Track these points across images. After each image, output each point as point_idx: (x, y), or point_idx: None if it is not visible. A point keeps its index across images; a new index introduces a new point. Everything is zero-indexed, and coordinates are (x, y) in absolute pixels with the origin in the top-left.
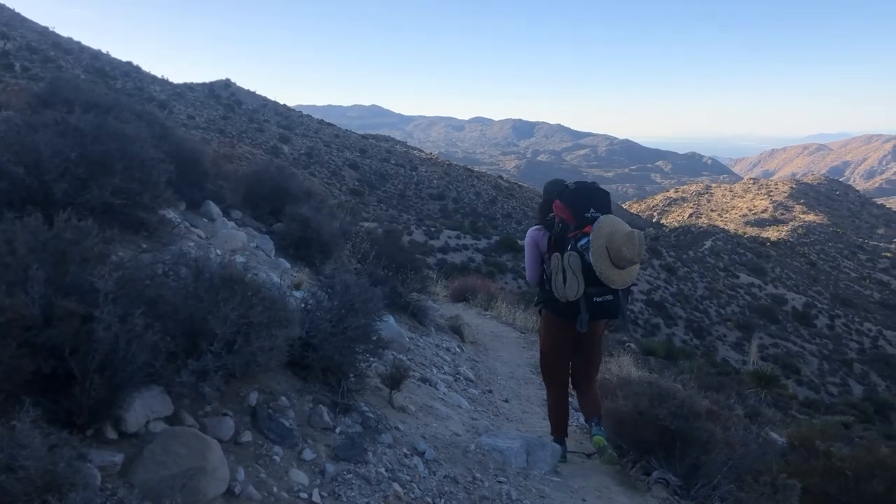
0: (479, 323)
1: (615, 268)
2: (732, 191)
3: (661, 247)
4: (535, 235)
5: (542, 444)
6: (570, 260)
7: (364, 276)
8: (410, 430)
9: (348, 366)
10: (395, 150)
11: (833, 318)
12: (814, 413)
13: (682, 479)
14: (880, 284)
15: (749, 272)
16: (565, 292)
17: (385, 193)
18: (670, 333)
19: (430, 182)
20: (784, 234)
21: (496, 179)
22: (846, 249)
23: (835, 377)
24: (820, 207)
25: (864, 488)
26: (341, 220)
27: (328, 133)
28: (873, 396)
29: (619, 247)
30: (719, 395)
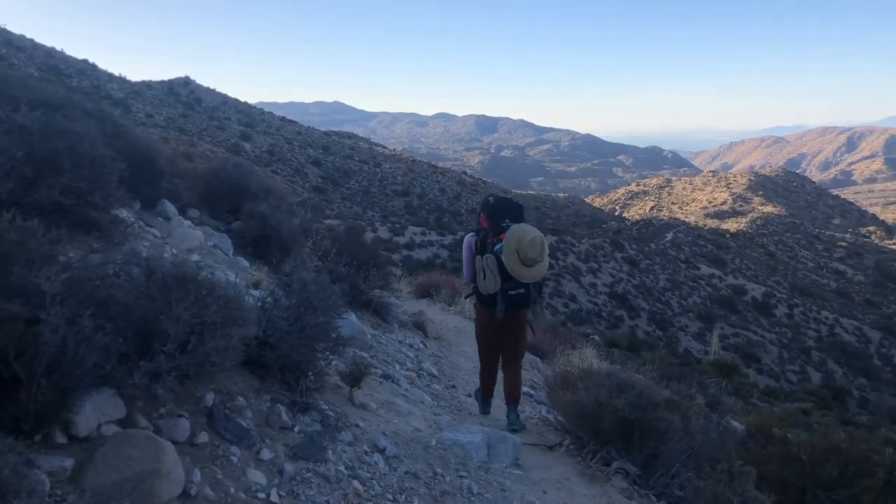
0: (443, 319)
1: (524, 266)
2: (692, 184)
3: (624, 240)
4: (469, 240)
5: (503, 437)
6: (488, 261)
7: (324, 274)
8: (371, 427)
9: (307, 364)
10: (359, 146)
11: (792, 307)
12: (774, 401)
13: (641, 468)
14: (836, 273)
15: (709, 263)
16: (486, 287)
17: (349, 190)
18: (633, 325)
19: (395, 178)
20: (743, 226)
21: (461, 175)
22: (803, 240)
23: (794, 365)
24: (778, 199)
25: (819, 473)
26: (301, 218)
27: (290, 130)
28: (831, 383)
29: (526, 249)
30: (680, 385)
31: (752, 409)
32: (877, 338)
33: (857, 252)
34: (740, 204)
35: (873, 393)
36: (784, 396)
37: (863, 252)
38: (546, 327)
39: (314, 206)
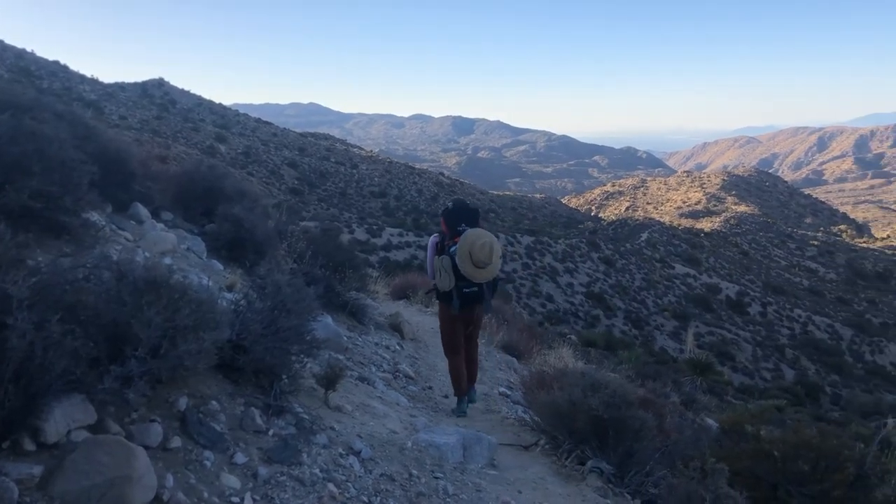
0: (420, 320)
1: (476, 268)
2: (667, 184)
3: (600, 240)
4: (432, 241)
5: (479, 438)
6: (444, 262)
7: (299, 276)
8: (346, 429)
9: (281, 367)
10: (335, 148)
11: (765, 305)
12: (748, 398)
13: (616, 467)
14: (809, 272)
15: (684, 263)
16: (443, 285)
17: (325, 192)
18: (610, 324)
19: (372, 180)
20: (717, 225)
21: (437, 176)
22: (776, 238)
23: (768, 362)
24: (751, 198)
25: (791, 468)
26: (276, 220)
27: (266, 132)
28: (804, 380)
29: (477, 253)
30: (656, 384)
31: (727, 407)
32: (848, 335)
33: (828, 250)
34: (714, 204)
35: (845, 389)
36: (758, 394)
37: (834, 250)
38: (522, 327)
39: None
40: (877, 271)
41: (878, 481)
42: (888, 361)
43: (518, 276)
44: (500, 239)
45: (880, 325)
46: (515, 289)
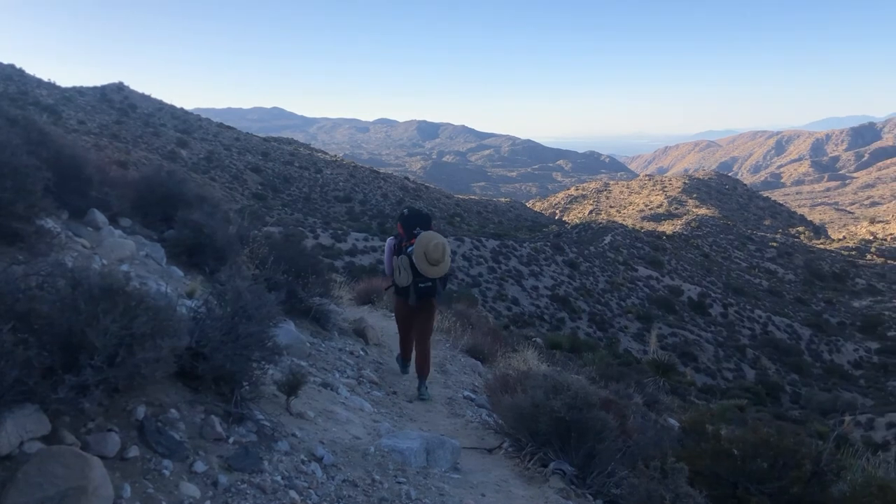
0: (385, 325)
1: (430, 265)
2: (629, 187)
3: (564, 243)
4: (390, 243)
5: (442, 442)
6: (402, 261)
7: (261, 282)
8: (309, 436)
9: (241, 374)
10: (299, 152)
11: (726, 306)
12: (710, 398)
13: (578, 468)
14: (768, 273)
15: (647, 265)
16: (401, 281)
17: (290, 197)
18: (575, 327)
19: (336, 184)
20: (679, 228)
21: (403, 181)
22: (736, 240)
23: (729, 363)
24: (711, 201)
25: (750, 467)
26: (238, 225)
27: (228, 136)
28: (764, 380)
29: (431, 252)
30: (619, 385)
31: (690, 407)
32: (807, 334)
33: (787, 252)
34: (675, 207)
35: (804, 388)
36: (720, 393)
37: (792, 252)
38: (487, 331)
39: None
40: (833, 272)
41: (833, 477)
42: (845, 360)
43: (484, 280)
44: (466, 243)
45: (837, 325)
46: (481, 292)
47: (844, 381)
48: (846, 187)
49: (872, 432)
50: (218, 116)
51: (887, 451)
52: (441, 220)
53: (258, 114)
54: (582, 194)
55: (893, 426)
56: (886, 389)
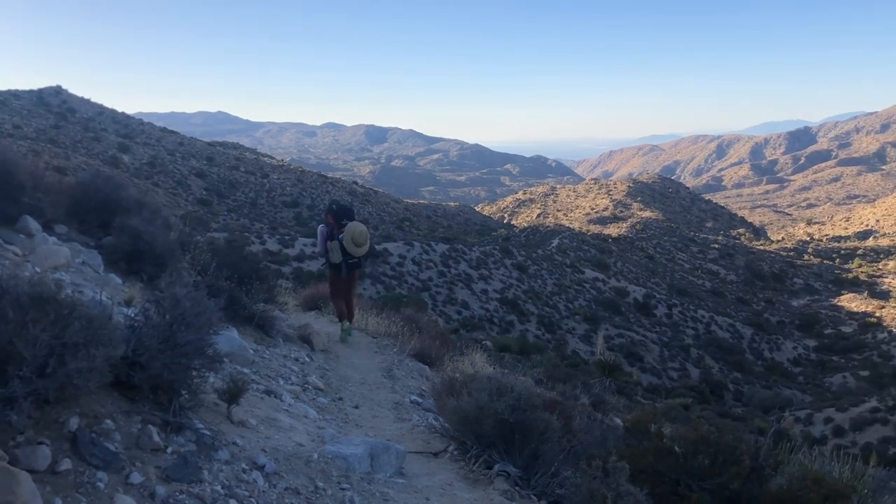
0: (332, 330)
1: (356, 247)
2: (576, 191)
3: (513, 247)
4: (322, 229)
5: (387, 447)
6: (335, 245)
7: (202, 289)
8: (250, 444)
9: (180, 383)
10: (245, 157)
11: (671, 307)
12: (656, 397)
13: (522, 469)
14: (711, 274)
15: (593, 267)
16: (334, 259)
17: (235, 202)
18: (524, 329)
19: (283, 189)
20: (624, 231)
21: (351, 185)
22: (679, 242)
23: (674, 362)
24: (655, 204)
25: (691, 464)
26: (179, 231)
27: (172, 141)
28: (708, 378)
29: (357, 238)
30: (566, 386)
31: (636, 407)
32: (748, 333)
33: (728, 253)
34: (621, 210)
35: (746, 386)
36: (666, 393)
37: (734, 253)
38: (436, 335)
39: (198, 218)
40: (773, 272)
41: (772, 472)
42: (785, 358)
43: (434, 284)
44: (416, 247)
45: (777, 324)
46: (431, 296)
47: (784, 378)
48: (784, 190)
49: (811, 427)
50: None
51: (824, 445)
52: (390, 225)
53: (203, 118)
54: (530, 198)
55: (831, 421)
56: (824, 386)
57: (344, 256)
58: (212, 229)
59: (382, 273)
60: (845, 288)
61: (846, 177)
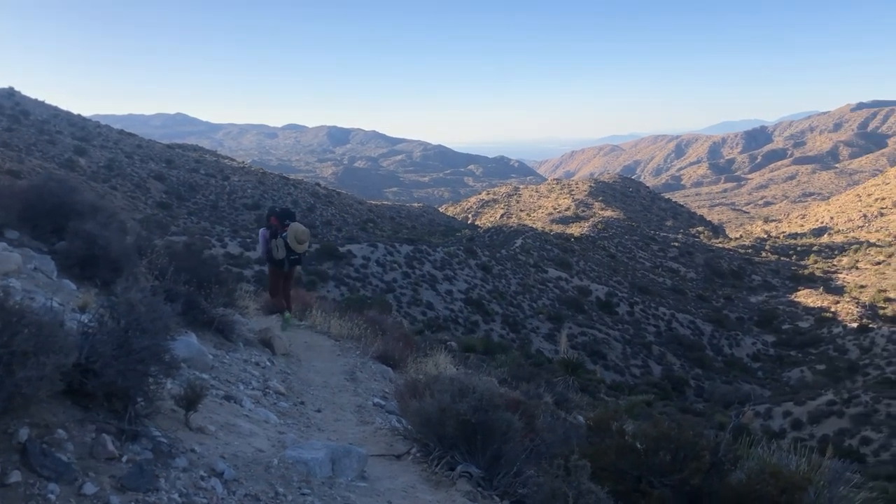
0: (293, 334)
1: (298, 244)
2: (538, 191)
3: (477, 247)
4: (263, 232)
5: (348, 451)
6: (279, 242)
7: (159, 294)
8: (209, 451)
9: (136, 389)
10: (205, 159)
11: (632, 305)
12: (619, 395)
13: (485, 470)
14: (671, 272)
15: (556, 267)
16: (278, 255)
17: (196, 205)
18: (488, 329)
19: (244, 192)
20: (586, 230)
21: (314, 187)
22: (640, 241)
23: (637, 359)
24: (616, 203)
25: (652, 460)
26: (136, 235)
27: (130, 144)
28: (670, 375)
29: (299, 236)
30: (530, 385)
31: (599, 404)
32: (709, 330)
33: (688, 251)
34: (582, 209)
35: (707, 381)
36: (629, 390)
37: (693, 251)
38: (399, 336)
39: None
40: (732, 269)
41: (731, 467)
42: (745, 353)
43: (398, 286)
44: (380, 248)
45: (736, 320)
46: (396, 298)
47: (744, 373)
48: (742, 188)
49: (770, 421)
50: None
51: (783, 438)
52: (354, 227)
53: (161, 120)
54: (493, 198)
55: (789, 415)
56: (782, 380)
57: (287, 253)
58: (171, 233)
59: (346, 275)
60: (802, 284)
61: (801, 175)
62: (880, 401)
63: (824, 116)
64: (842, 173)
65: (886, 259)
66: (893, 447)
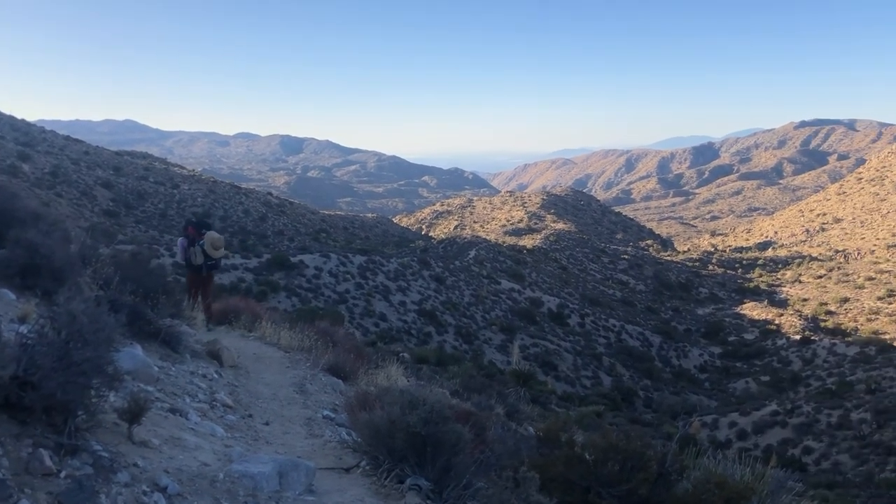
0: (242, 346)
1: (215, 250)
2: (492, 203)
3: (431, 258)
4: (182, 242)
5: (296, 464)
6: (197, 249)
7: (103, 304)
8: (152, 465)
9: (76, 403)
10: (154, 167)
11: (583, 316)
12: (570, 405)
13: (434, 482)
14: (621, 284)
15: (509, 278)
16: (196, 261)
17: (144, 214)
18: (441, 340)
19: (195, 200)
20: (538, 242)
21: (266, 196)
22: (591, 253)
23: (587, 370)
24: (568, 216)
25: (601, 471)
26: (81, 244)
27: (76, 150)
28: (620, 386)
29: (215, 243)
30: (481, 397)
31: (550, 415)
32: (657, 341)
33: (637, 264)
34: (535, 222)
35: (656, 392)
36: (579, 401)
37: (642, 263)
38: (350, 348)
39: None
40: (679, 282)
41: (678, 477)
42: (692, 365)
43: (351, 297)
44: (332, 259)
45: (684, 332)
46: (349, 309)
47: (692, 384)
48: (689, 202)
49: (717, 431)
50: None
51: (729, 448)
52: (306, 237)
53: (109, 126)
54: (447, 210)
55: (735, 425)
56: (728, 391)
57: (205, 259)
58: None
59: (298, 286)
60: (747, 297)
61: (747, 190)
62: (821, 411)
63: (769, 134)
64: (785, 189)
65: (828, 273)
66: (833, 456)
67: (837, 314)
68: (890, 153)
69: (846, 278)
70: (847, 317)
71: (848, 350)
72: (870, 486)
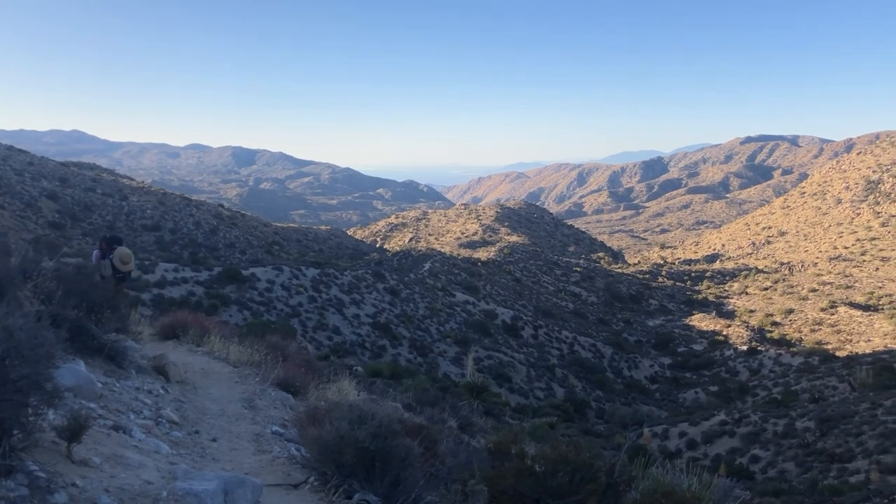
0: (190, 360)
1: (123, 264)
2: (447, 216)
3: (385, 271)
4: (96, 254)
5: (242, 481)
6: (107, 263)
7: (44, 319)
8: (92, 484)
9: (12, 421)
10: (102, 178)
11: (537, 328)
12: (524, 417)
13: (383, 497)
14: (573, 296)
15: (464, 290)
16: (106, 273)
17: (91, 226)
18: (396, 353)
19: (144, 212)
20: (492, 255)
21: (217, 208)
22: (544, 266)
23: (541, 382)
24: (521, 229)
25: (551, 483)
26: (22, 257)
27: (20, 161)
28: (573, 397)
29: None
30: (434, 410)
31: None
32: (609, 353)
33: (589, 276)
34: (489, 234)
35: (608, 403)
36: (533, 412)
37: (594, 276)
38: (301, 362)
39: (49, 243)
40: (630, 294)
41: (626, 488)
42: (643, 375)
43: (304, 310)
44: (285, 272)
45: (635, 343)
46: (301, 322)
47: (643, 394)
48: (640, 216)
49: (667, 441)
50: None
51: (679, 458)
52: (259, 249)
53: (56, 137)
54: (402, 222)
55: (685, 435)
56: (678, 401)
57: (114, 272)
58: (63, 254)
59: (249, 299)
60: (696, 308)
61: (695, 204)
62: (768, 420)
63: (716, 149)
64: (732, 203)
65: (773, 285)
66: (780, 464)
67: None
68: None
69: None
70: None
71: (793, 360)
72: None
